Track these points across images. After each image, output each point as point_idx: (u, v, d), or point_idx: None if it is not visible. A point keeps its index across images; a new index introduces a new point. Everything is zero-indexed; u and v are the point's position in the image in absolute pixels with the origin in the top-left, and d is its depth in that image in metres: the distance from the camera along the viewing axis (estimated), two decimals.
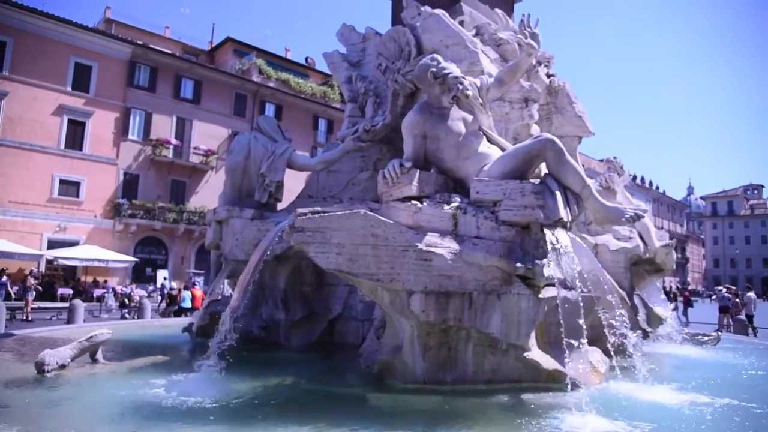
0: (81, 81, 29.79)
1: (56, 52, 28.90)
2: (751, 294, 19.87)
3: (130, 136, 31.34)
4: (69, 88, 29.33)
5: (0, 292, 19.65)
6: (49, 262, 26.75)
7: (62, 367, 5.70)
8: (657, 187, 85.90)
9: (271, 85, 37.70)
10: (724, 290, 21.15)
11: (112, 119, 30.75)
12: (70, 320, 13.81)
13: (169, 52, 35.38)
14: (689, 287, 60.31)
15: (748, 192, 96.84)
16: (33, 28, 28.27)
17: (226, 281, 8.14)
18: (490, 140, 5.78)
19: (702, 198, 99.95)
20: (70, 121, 29.26)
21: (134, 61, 31.79)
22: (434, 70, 5.61)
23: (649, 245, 8.79)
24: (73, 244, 27.91)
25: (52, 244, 27.57)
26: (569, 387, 4.82)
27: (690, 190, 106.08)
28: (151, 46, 34.43)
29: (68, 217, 28.77)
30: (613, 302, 6.00)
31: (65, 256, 25.87)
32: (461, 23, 8.03)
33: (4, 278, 21.68)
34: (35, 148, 27.90)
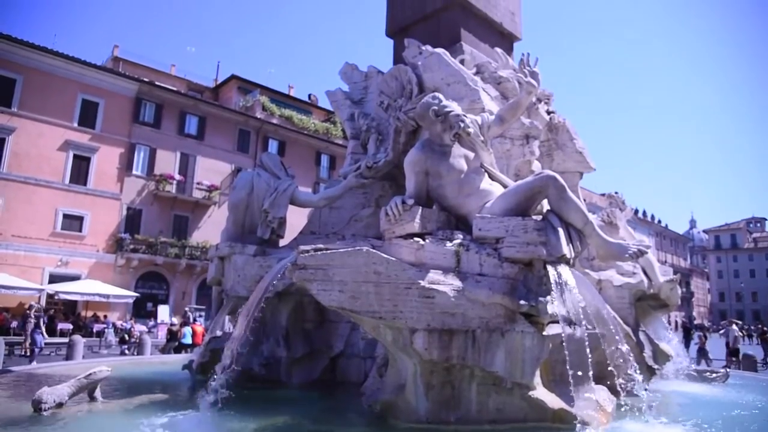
0: (87, 117, 30.28)
1: (64, 88, 29.47)
2: (734, 327, 20.24)
3: (134, 172, 31.64)
4: (75, 124, 29.80)
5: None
6: (50, 296, 26.66)
7: (60, 405, 5.61)
8: (659, 221, 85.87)
9: (274, 121, 38.23)
10: (733, 325, 20.96)
11: (116, 155, 31.11)
12: (69, 356, 13.68)
13: (175, 89, 36.02)
14: (695, 322, 59.58)
15: (751, 225, 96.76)
16: (43, 66, 28.90)
17: (227, 317, 8.09)
18: (491, 177, 5.82)
19: (705, 231, 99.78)
20: (75, 157, 29.62)
21: (140, 97, 32.34)
22: (436, 108, 5.69)
23: (653, 280, 8.73)
24: (75, 278, 27.86)
25: (54, 279, 27.54)
26: (576, 427, 4.72)
27: (692, 223, 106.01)
28: (157, 83, 35.10)
29: (70, 251, 28.81)
30: (619, 339, 5.92)
31: (66, 290, 25.79)
32: (462, 62, 8.18)
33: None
34: (40, 183, 28.16)
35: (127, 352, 19.12)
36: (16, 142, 27.69)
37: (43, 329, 17.18)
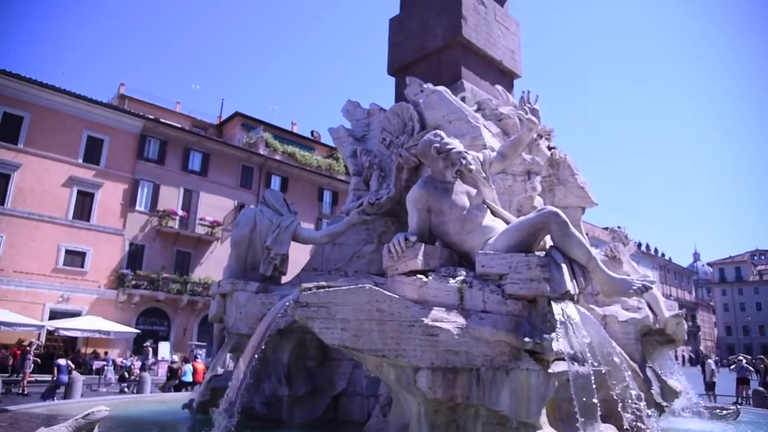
0: (92, 153, 30.60)
1: (70, 126, 29.89)
2: (710, 361, 21.01)
3: (137, 207, 31.78)
4: (80, 161, 30.09)
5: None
6: (49, 333, 26.42)
7: None
8: (662, 254, 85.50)
9: (277, 157, 38.58)
10: (744, 360, 20.64)
11: (120, 191, 31.32)
12: (67, 394, 13.49)
13: (179, 126, 36.52)
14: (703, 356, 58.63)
15: (755, 258, 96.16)
16: (50, 104, 29.39)
17: (228, 355, 8.00)
18: (494, 213, 5.83)
19: (709, 264, 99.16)
20: (79, 193, 29.81)
21: (145, 134, 32.74)
22: (437, 145, 5.75)
23: (659, 315, 8.63)
24: (76, 314, 27.68)
25: (54, 315, 27.36)
26: None
27: (696, 256, 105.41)
28: (162, 120, 35.60)
29: (72, 287, 28.72)
30: (626, 376, 5.83)
31: (66, 327, 25.57)
32: (463, 99, 8.30)
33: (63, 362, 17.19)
34: (44, 219, 28.28)
35: (126, 390, 18.85)
36: (22, 178, 27.93)
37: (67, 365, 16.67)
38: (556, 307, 4.98)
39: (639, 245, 71.42)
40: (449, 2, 9.48)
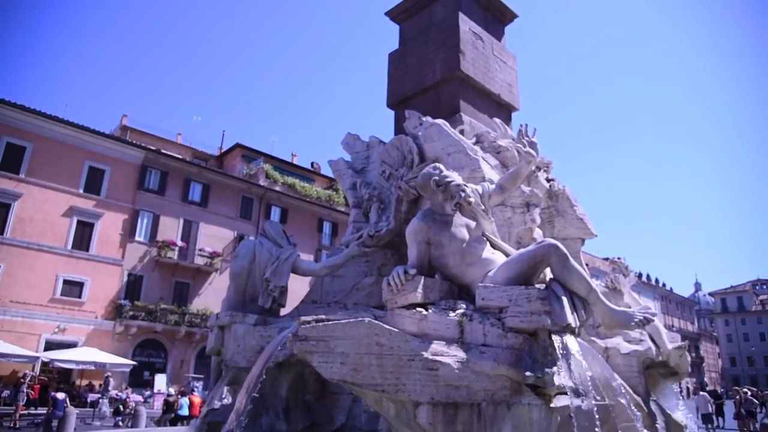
0: (93, 184, 30.78)
1: (73, 156, 30.14)
2: (704, 394, 21.09)
3: (137, 238, 31.79)
4: (81, 191, 30.24)
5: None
6: (44, 364, 26.12)
7: None
8: (663, 284, 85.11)
9: (277, 188, 38.79)
10: (749, 393, 20.36)
11: (120, 221, 31.38)
12: (60, 429, 13.26)
13: (180, 156, 36.80)
14: (708, 388, 57.86)
15: (757, 287, 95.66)
16: (53, 134, 29.70)
17: (226, 389, 7.88)
18: (493, 245, 5.84)
19: (710, 294, 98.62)
20: (79, 222, 29.88)
21: (146, 165, 32.98)
22: (437, 178, 5.79)
23: (662, 348, 8.55)
24: (72, 345, 27.43)
25: (50, 346, 27.13)
26: None
27: (697, 286, 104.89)
28: (163, 151, 35.88)
29: (69, 318, 28.51)
30: (630, 410, 5.75)
31: (62, 358, 25.30)
32: (461, 132, 8.38)
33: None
34: (43, 248, 28.26)
35: (121, 424, 18.54)
36: (22, 208, 28.01)
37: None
38: (558, 341, 4.94)
39: (639, 275, 71.19)
40: (447, 37, 9.66)
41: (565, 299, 5.15)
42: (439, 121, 8.21)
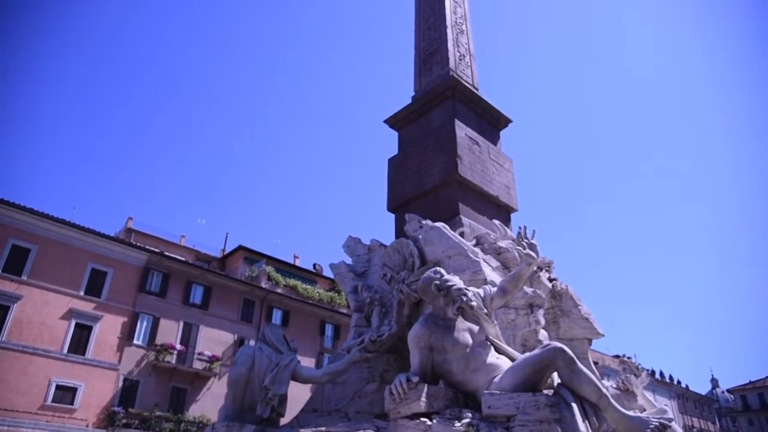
0: (95, 286, 30.68)
1: (76, 258, 30.29)
2: None
3: (135, 341, 31.17)
4: (82, 293, 30.06)
5: None
6: None
7: None
8: (678, 382, 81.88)
9: (279, 291, 38.60)
10: None
11: (119, 323, 30.92)
12: None
13: (183, 259, 36.95)
14: None
15: None
16: (58, 237, 30.04)
17: None
18: (498, 350, 5.73)
19: (729, 391, 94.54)
20: (77, 325, 29.44)
21: (149, 267, 33.04)
22: (438, 282, 5.80)
23: None
24: None
25: None
26: None
27: (714, 382, 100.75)
28: (166, 253, 36.10)
29: (58, 426, 27.23)
30: None
31: None
32: (462, 234, 8.49)
33: None
34: (37, 352, 27.60)
35: None
36: (21, 310, 27.70)
37: None
38: None
39: (653, 373, 68.74)
40: (445, 143, 10.06)
41: (575, 406, 4.97)
42: (439, 224, 8.35)
